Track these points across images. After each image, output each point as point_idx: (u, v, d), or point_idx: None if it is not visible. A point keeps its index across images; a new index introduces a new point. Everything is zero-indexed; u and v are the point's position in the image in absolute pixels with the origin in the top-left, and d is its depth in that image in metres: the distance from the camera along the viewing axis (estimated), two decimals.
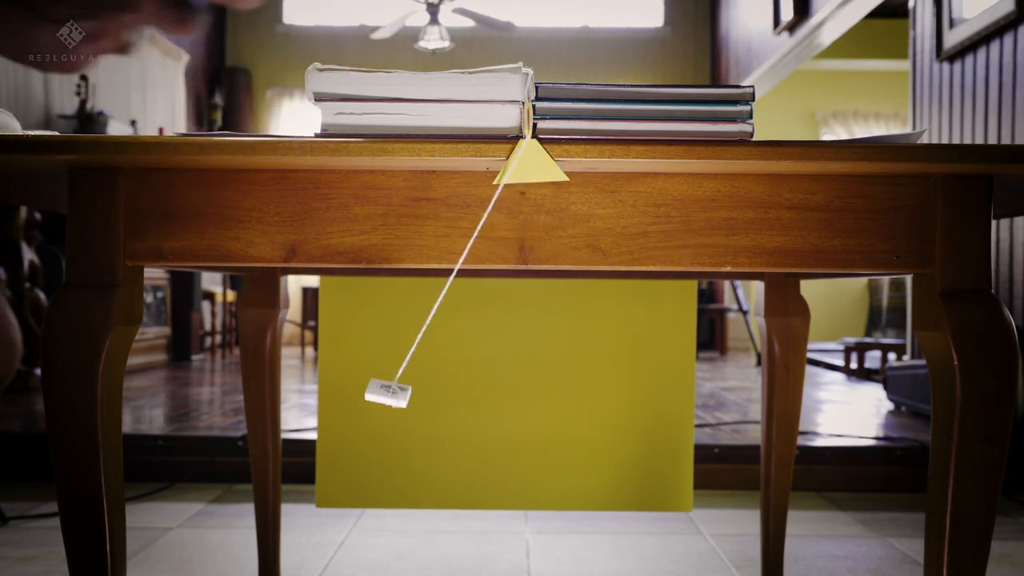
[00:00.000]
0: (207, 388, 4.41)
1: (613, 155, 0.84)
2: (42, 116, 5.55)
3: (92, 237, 0.90)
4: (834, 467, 2.78)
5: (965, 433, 0.88)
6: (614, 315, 1.79)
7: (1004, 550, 2.16)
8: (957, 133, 3.83)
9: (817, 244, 0.92)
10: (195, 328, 6.36)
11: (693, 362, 1.79)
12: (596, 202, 0.91)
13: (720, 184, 0.91)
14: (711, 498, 2.63)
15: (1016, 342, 0.88)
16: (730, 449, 2.78)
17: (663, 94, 0.87)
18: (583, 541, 2.18)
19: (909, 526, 2.37)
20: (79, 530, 0.90)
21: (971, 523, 0.89)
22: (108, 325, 0.88)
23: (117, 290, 0.89)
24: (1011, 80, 3.41)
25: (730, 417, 3.46)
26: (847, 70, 8.40)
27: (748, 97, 0.88)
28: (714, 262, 0.91)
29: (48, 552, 2.03)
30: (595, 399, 1.80)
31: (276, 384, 1.66)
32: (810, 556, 2.09)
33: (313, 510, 2.45)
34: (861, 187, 0.92)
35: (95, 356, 0.88)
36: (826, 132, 8.78)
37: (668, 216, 0.91)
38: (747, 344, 8.32)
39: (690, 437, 1.80)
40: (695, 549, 2.13)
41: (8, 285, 4.01)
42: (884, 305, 8.27)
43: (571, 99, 0.87)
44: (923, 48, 4.15)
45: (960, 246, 0.91)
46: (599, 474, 1.81)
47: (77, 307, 0.88)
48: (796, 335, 1.60)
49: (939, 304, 0.90)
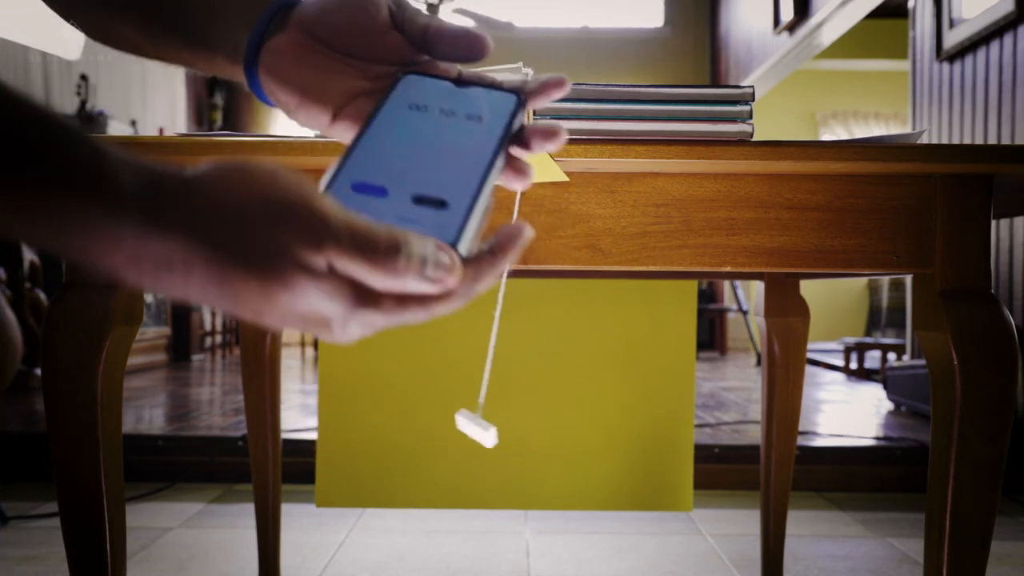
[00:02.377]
0: (207, 388, 4.41)
1: (613, 155, 0.84)
2: None
3: None
4: (834, 467, 2.78)
5: (965, 433, 0.88)
6: (614, 315, 1.79)
7: (1004, 550, 2.16)
8: (957, 133, 3.83)
9: (817, 244, 0.92)
10: (195, 328, 6.36)
11: (693, 362, 1.79)
12: (596, 202, 0.91)
13: (720, 184, 0.91)
14: (711, 498, 2.63)
15: (1016, 342, 0.88)
16: (730, 449, 2.78)
17: (663, 94, 0.87)
18: (583, 541, 2.18)
19: (909, 526, 2.37)
20: (79, 530, 0.90)
21: (971, 523, 0.89)
22: (108, 325, 0.88)
23: (117, 290, 0.89)
24: (1011, 80, 3.41)
25: (730, 417, 3.46)
26: (847, 70, 8.40)
27: (748, 97, 0.88)
28: (714, 262, 0.91)
29: (48, 552, 2.03)
30: (595, 399, 1.80)
31: (276, 384, 1.66)
32: (810, 556, 2.09)
33: (313, 510, 2.45)
34: (861, 187, 0.92)
35: (95, 356, 0.88)
36: (826, 132, 8.78)
37: (668, 216, 0.91)
38: (747, 344, 8.32)
39: (690, 437, 1.80)
40: (695, 549, 2.13)
41: (8, 285, 4.01)
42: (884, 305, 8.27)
43: (571, 99, 0.87)
44: (923, 48, 4.15)
45: (960, 246, 0.91)
46: (599, 474, 1.81)
47: (77, 307, 0.88)
48: (796, 335, 1.60)
49: (939, 304, 0.90)
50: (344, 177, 0.44)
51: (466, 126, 0.47)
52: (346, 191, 0.43)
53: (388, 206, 0.43)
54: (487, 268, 0.42)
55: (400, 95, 0.49)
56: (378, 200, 0.43)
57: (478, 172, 0.45)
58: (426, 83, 0.49)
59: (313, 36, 0.51)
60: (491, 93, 0.49)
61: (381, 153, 0.45)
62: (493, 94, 0.49)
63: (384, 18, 0.50)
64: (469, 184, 0.44)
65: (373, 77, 0.52)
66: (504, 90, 0.49)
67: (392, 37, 0.51)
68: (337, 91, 0.51)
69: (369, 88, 0.52)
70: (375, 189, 0.43)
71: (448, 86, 0.49)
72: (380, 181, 0.44)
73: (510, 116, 0.48)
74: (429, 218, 0.42)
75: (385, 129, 0.46)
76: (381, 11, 0.50)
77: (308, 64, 0.51)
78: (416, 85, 0.49)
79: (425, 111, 0.48)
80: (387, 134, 0.46)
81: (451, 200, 0.43)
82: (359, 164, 0.44)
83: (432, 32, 0.50)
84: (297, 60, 0.51)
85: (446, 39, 0.50)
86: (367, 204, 0.42)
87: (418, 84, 0.49)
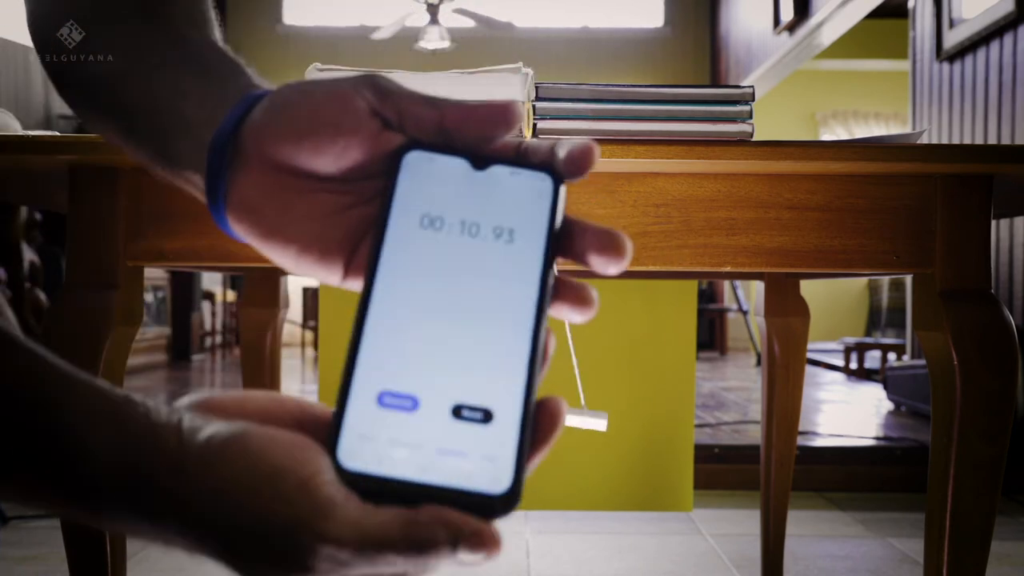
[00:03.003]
0: (207, 388, 4.41)
1: (613, 155, 0.84)
2: (42, 116, 5.55)
3: (92, 237, 0.90)
4: (834, 467, 2.78)
5: (965, 433, 0.88)
6: (614, 315, 1.79)
7: (1004, 550, 2.16)
8: (957, 133, 3.83)
9: (817, 244, 0.92)
10: (195, 328, 6.36)
11: (693, 362, 1.79)
12: (596, 202, 0.91)
13: (720, 184, 0.91)
14: (711, 498, 2.63)
15: (1016, 342, 0.88)
16: (730, 449, 2.78)
17: (663, 94, 0.88)
18: (583, 541, 2.19)
19: (909, 526, 2.37)
20: (79, 530, 0.90)
21: (971, 523, 0.89)
22: (108, 325, 0.88)
23: (117, 290, 0.89)
24: (1011, 80, 3.41)
25: (730, 417, 3.46)
26: (847, 70, 8.40)
27: (748, 97, 0.88)
28: (714, 262, 0.91)
29: (48, 552, 2.03)
30: (595, 399, 1.80)
31: (276, 384, 1.66)
32: (810, 556, 2.09)
33: None
34: (861, 187, 0.92)
35: (95, 356, 0.88)
36: (826, 132, 8.78)
37: (668, 216, 0.91)
38: (747, 344, 8.32)
39: (690, 437, 1.80)
40: (695, 549, 2.13)
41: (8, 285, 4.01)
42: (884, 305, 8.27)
43: (571, 99, 0.87)
44: (923, 48, 4.15)
45: (960, 246, 0.91)
46: (599, 474, 1.81)
47: (77, 307, 0.88)
48: (796, 335, 1.60)
49: (939, 304, 0.90)
50: (363, 389, 0.34)
51: (497, 251, 0.36)
52: (370, 411, 0.34)
53: (422, 428, 0.33)
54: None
55: (406, 200, 0.37)
56: (409, 418, 0.34)
57: (525, 341, 0.35)
58: (436, 168, 0.37)
59: (278, 167, 0.39)
60: (518, 175, 0.37)
61: (399, 330, 0.35)
62: (521, 177, 0.37)
63: (365, 124, 0.38)
64: (518, 368, 0.35)
65: (371, 197, 0.40)
66: (534, 168, 0.38)
67: (384, 140, 0.38)
68: (335, 235, 0.40)
69: (370, 214, 0.40)
70: (403, 400, 0.34)
71: (463, 168, 0.37)
72: (408, 386, 0.34)
73: (550, 215, 0.37)
74: (473, 445, 0.33)
75: (399, 282, 0.36)
76: (357, 115, 0.38)
77: (284, 206, 0.39)
78: (424, 174, 0.37)
79: (441, 229, 0.36)
80: (402, 291, 0.35)
81: (498, 407, 0.34)
82: (376, 359, 0.35)
83: (452, 122, 0.38)
84: (271, 203, 0.39)
85: (473, 124, 0.38)
86: (396, 430, 0.33)
87: (426, 171, 0.37)
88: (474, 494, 0.32)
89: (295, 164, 0.38)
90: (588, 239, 0.37)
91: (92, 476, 0.33)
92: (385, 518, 0.32)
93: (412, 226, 0.36)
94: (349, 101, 0.38)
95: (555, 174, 0.37)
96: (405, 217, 0.36)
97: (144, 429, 0.33)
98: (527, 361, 0.35)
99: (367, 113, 0.38)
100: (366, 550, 0.32)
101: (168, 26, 0.45)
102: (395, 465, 0.33)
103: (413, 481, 0.33)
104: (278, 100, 0.39)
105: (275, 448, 0.33)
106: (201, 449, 0.33)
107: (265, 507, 0.32)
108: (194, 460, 0.33)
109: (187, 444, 0.33)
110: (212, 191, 0.40)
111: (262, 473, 0.32)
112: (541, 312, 0.35)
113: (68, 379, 0.34)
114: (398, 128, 0.38)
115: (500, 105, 0.37)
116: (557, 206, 0.37)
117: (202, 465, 0.33)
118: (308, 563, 0.32)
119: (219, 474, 0.33)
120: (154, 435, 0.33)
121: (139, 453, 0.33)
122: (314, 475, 0.32)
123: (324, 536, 0.31)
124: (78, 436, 0.33)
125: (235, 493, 0.32)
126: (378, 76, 0.39)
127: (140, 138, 0.44)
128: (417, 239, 0.36)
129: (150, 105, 0.43)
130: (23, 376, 0.34)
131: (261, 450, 0.33)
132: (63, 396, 0.34)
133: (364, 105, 0.38)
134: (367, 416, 0.34)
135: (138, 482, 0.33)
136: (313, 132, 0.38)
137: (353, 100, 0.38)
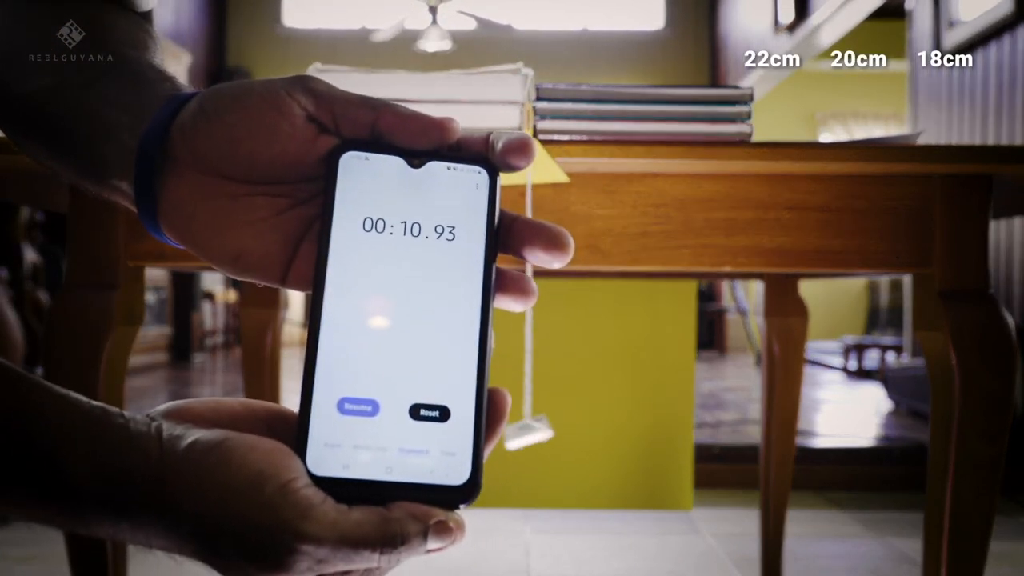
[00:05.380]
0: (208, 388, 4.41)
1: (613, 156, 0.85)
2: None
3: (93, 237, 0.90)
4: (833, 467, 2.78)
5: (964, 433, 0.88)
6: (614, 315, 1.79)
7: (1004, 550, 2.16)
8: (956, 133, 3.84)
9: (817, 244, 0.92)
10: (196, 328, 6.37)
11: (693, 362, 1.79)
12: (596, 202, 0.91)
13: (720, 184, 0.91)
14: (711, 498, 2.63)
15: (1015, 342, 0.88)
16: (730, 449, 2.78)
17: (663, 95, 0.88)
18: (583, 541, 2.19)
19: (909, 526, 2.37)
20: None
21: (970, 523, 0.89)
22: (109, 325, 0.88)
23: (118, 290, 0.90)
24: (1010, 80, 3.41)
25: (730, 417, 3.47)
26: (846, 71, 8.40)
27: (747, 98, 0.88)
28: (714, 262, 0.91)
29: (48, 552, 2.03)
30: (595, 399, 1.80)
31: (276, 384, 1.67)
32: (810, 556, 2.09)
33: None
34: (861, 187, 0.92)
35: (96, 356, 0.88)
36: (825, 133, 8.78)
37: (668, 216, 0.91)
38: (746, 344, 8.32)
39: (690, 437, 1.80)
40: (695, 549, 2.13)
41: (9, 285, 4.01)
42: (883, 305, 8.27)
43: (571, 100, 0.87)
44: (921, 48, 4.16)
45: (959, 246, 0.91)
46: (599, 473, 1.81)
47: (78, 307, 0.89)
48: (795, 335, 1.60)
49: (938, 304, 0.90)
50: (323, 398, 0.35)
51: (440, 249, 0.37)
52: (332, 419, 0.35)
53: (384, 431, 0.35)
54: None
55: (346, 203, 0.37)
56: (370, 423, 0.35)
57: (474, 337, 0.36)
58: (372, 168, 0.37)
59: (211, 172, 0.38)
60: (455, 171, 0.37)
61: (352, 337, 0.36)
62: (458, 172, 0.37)
63: (301, 129, 0.38)
64: (469, 364, 0.36)
65: (307, 199, 0.40)
66: (469, 162, 0.38)
67: (320, 144, 0.38)
68: (273, 238, 0.39)
69: (307, 215, 0.40)
70: (363, 405, 0.35)
71: (399, 167, 0.37)
72: (367, 391, 0.35)
73: (488, 209, 0.37)
74: (433, 442, 0.35)
75: (348, 288, 0.36)
76: (292, 121, 0.37)
77: (219, 210, 0.39)
78: (361, 175, 0.37)
79: (384, 230, 0.37)
80: (352, 297, 0.36)
81: (453, 403, 0.35)
82: (333, 367, 0.35)
83: (386, 126, 0.37)
84: (204, 208, 0.39)
85: (406, 133, 0.37)
86: (359, 435, 0.35)
87: (364, 172, 0.37)
88: (438, 487, 0.35)
89: (229, 170, 0.38)
90: (532, 235, 0.38)
91: (74, 488, 0.34)
92: (360, 517, 0.34)
93: (355, 230, 0.37)
94: (284, 106, 0.37)
95: (491, 167, 0.38)
96: (347, 221, 0.37)
97: (123, 440, 0.34)
98: (477, 357, 0.36)
99: (302, 118, 0.37)
100: (343, 548, 0.34)
101: (107, 48, 0.44)
102: (361, 468, 0.35)
103: (380, 481, 0.35)
104: (209, 105, 0.38)
105: (255, 455, 0.34)
106: (184, 457, 0.34)
107: (247, 510, 0.34)
108: (177, 468, 0.34)
109: (169, 452, 0.34)
110: (142, 195, 0.39)
111: (244, 479, 0.34)
112: (487, 307, 0.36)
113: (43, 393, 0.35)
114: (334, 131, 0.38)
115: (437, 121, 0.37)
116: (495, 199, 0.37)
117: (185, 472, 0.34)
118: (289, 562, 0.34)
119: (202, 480, 0.34)
120: (134, 445, 0.34)
121: (121, 463, 0.34)
122: (292, 480, 0.34)
123: (304, 536, 0.33)
124: (56, 450, 0.34)
125: (218, 498, 0.34)
126: (311, 78, 0.38)
127: (65, 149, 0.43)
128: (361, 243, 0.36)
129: (76, 115, 0.42)
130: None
131: (242, 457, 0.34)
132: (39, 411, 0.35)
133: (299, 110, 0.37)
134: (330, 424, 0.35)
135: (122, 492, 0.34)
136: (248, 138, 0.37)
137: (288, 105, 0.37)
